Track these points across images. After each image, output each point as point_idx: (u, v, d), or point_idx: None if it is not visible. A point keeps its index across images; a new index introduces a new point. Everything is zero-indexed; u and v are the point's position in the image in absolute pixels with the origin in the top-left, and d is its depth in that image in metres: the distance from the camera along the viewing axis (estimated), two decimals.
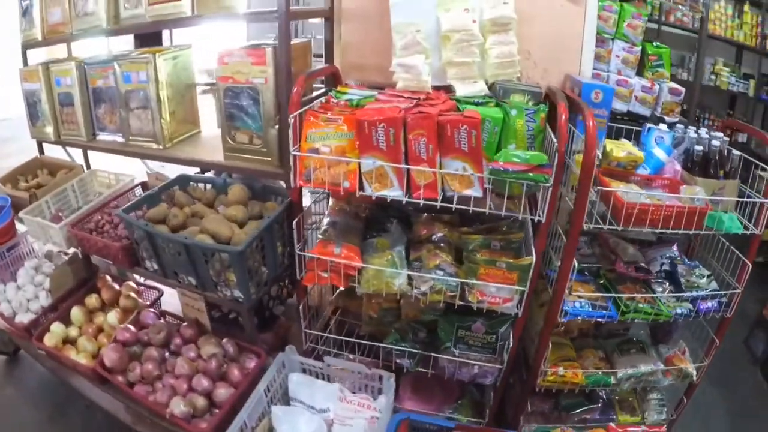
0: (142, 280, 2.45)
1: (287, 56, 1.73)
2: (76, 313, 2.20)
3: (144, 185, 2.49)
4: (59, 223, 2.20)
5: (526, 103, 1.67)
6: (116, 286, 2.34)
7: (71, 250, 2.40)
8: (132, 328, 1.98)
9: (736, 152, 1.70)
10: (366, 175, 1.58)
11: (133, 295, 2.30)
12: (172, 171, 2.44)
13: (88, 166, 2.82)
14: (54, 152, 2.84)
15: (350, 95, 1.77)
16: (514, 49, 1.76)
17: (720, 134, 1.72)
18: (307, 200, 1.91)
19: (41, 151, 2.83)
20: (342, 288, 1.75)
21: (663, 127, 1.81)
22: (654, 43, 1.91)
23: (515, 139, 1.63)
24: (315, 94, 2.05)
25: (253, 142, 1.89)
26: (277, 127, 1.82)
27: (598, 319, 1.68)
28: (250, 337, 1.93)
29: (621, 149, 1.67)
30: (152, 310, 2.12)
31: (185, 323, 2.02)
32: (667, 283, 1.74)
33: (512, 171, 1.45)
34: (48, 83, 2.39)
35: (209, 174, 2.37)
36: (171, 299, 2.33)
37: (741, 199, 1.61)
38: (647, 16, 1.85)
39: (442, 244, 1.76)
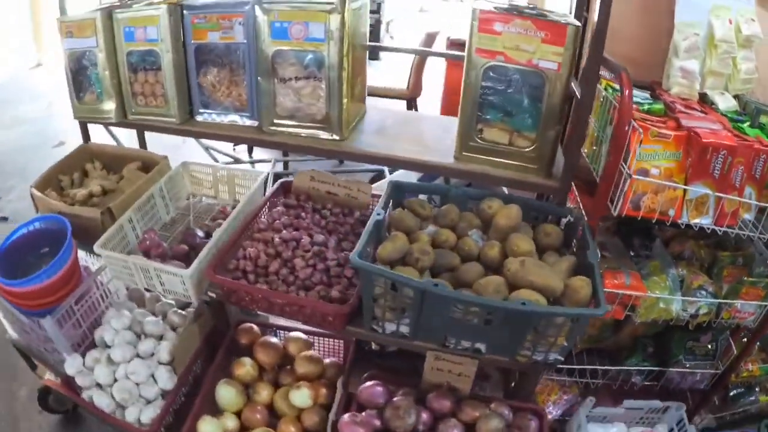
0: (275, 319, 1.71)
1: (602, 36, 1.35)
2: (228, 395, 1.49)
3: (286, 188, 1.75)
4: (175, 263, 1.41)
5: None
6: (275, 341, 1.64)
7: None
8: (359, 417, 1.35)
9: None
10: (688, 203, 1.46)
11: (315, 354, 1.64)
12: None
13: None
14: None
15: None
16: (753, 66, 1.75)
17: None
18: None
19: (86, 136, 1.86)
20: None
21: None
22: None
23: None
24: None
25: (514, 143, 1.51)
26: (558, 128, 1.49)
27: None
28: (527, 394, 1.60)
29: None
30: (378, 382, 1.46)
31: (434, 393, 1.45)
32: None
33: None
34: (110, 39, 1.56)
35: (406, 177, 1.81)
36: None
37: None
38: None
39: (694, 261, 1.75)
